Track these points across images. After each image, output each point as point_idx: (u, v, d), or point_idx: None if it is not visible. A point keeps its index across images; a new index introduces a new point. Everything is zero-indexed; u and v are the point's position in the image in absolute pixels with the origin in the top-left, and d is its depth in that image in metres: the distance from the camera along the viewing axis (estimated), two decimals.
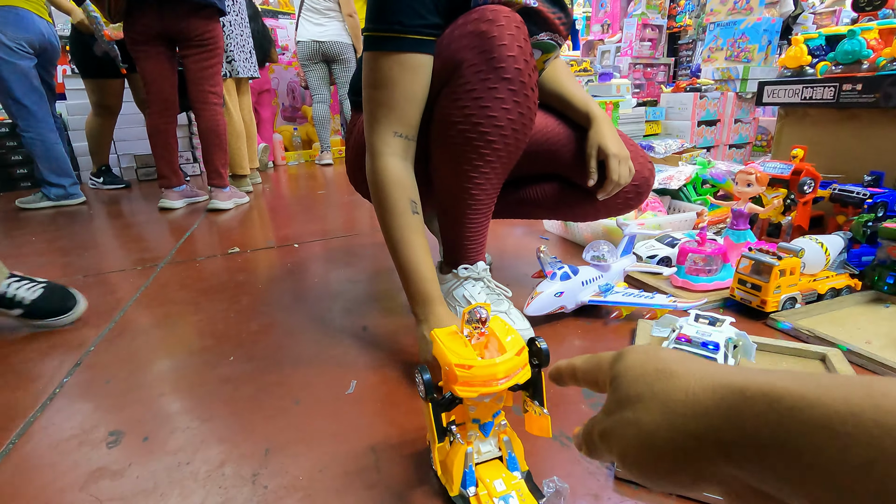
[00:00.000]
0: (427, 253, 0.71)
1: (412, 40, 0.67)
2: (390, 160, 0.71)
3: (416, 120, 0.72)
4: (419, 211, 0.72)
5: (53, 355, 0.85)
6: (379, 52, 0.68)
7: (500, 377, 0.42)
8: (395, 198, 0.70)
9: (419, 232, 0.72)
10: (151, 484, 0.54)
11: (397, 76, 0.68)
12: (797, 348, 0.75)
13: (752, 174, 0.98)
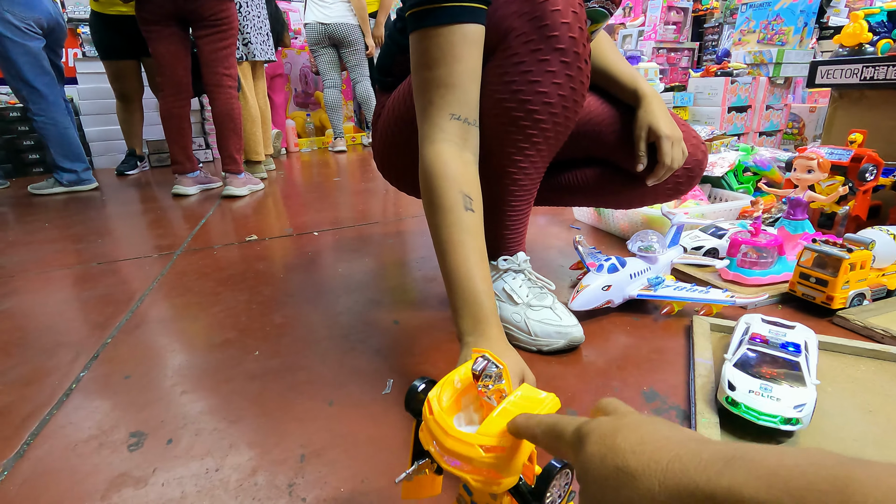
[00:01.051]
0: (482, 258, 0.59)
1: (467, 9, 0.58)
2: (443, 146, 0.60)
3: (476, 100, 0.62)
4: (474, 208, 0.60)
5: (68, 347, 0.80)
6: (431, 28, 0.58)
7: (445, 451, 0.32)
8: (443, 190, 0.59)
9: (472, 233, 0.59)
10: (179, 493, 0.49)
11: (457, 50, 0.58)
12: (874, 350, 0.68)
13: (814, 159, 0.91)
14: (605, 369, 0.68)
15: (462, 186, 0.59)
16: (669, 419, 0.57)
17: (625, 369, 0.68)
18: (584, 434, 0.26)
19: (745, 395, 0.53)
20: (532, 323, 0.72)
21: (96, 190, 2.29)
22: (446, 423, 0.33)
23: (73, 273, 1.16)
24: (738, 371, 0.56)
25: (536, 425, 0.30)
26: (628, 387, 0.64)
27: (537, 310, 0.74)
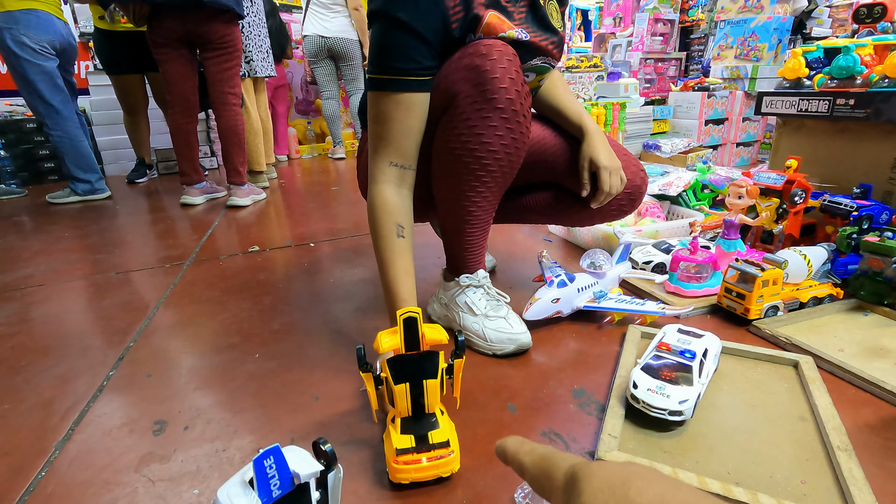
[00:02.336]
0: (408, 274, 0.77)
1: (406, 81, 0.74)
2: (384, 187, 0.78)
3: (411, 151, 0.79)
4: (405, 235, 0.78)
5: (97, 349, 0.95)
6: (378, 93, 0.76)
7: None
8: (382, 221, 0.77)
9: (402, 254, 0.77)
10: (195, 467, 0.63)
11: (393, 113, 0.76)
12: (772, 355, 0.81)
13: (743, 187, 1.04)
14: (546, 370, 0.81)
15: (397, 218, 0.78)
16: (589, 412, 0.70)
17: (563, 370, 0.81)
18: (581, 478, 0.25)
19: (644, 393, 0.66)
20: (488, 331, 0.86)
21: (109, 199, 2.43)
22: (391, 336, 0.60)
23: (95, 282, 1.31)
24: (643, 373, 0.69)
25: (527, 454, 0.30)
26: (562, 385, 0.77)
27: (493, 319, 0.87)
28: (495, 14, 0.76)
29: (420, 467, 0.57)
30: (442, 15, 0.73)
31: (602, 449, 0.60)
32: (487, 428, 0.68)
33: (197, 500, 0.58)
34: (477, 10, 0.74)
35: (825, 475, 0.57)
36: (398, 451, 0.57)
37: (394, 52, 0.73)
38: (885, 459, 0.60)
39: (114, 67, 2.52)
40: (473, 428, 0.68)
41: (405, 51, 0.73)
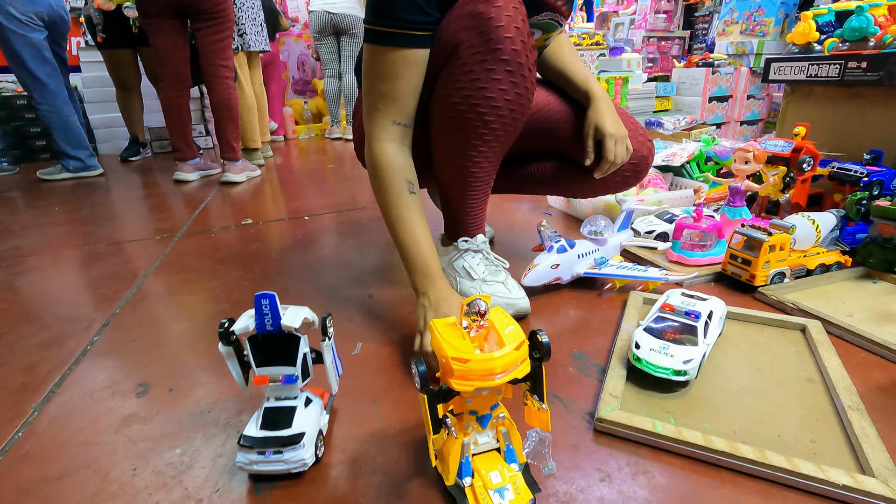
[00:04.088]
0: (426, 229, 0.74)
1: (414, 36, 0.69)
2: (388, 145, 0.74)
3: (413, 109, 0.75)
4: (416, 191, 0.75)
5: (82, 317, 0.92)
6: (382, 47, 0.70)
7: (498, 371, 0.40)
8: (391, 179, 0.73)
9: (417, 210, 0.74)
10: (177, 428, 0.61)
11: (400, 70, 0.71)
12: (780, 319, 0.78)
13: (750, 151, 1.00)
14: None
15: (406, 175, 0.74)
16: (589, 374, 0.68)
17: (562, 335, 0.79)
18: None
19: (646, 353, 0.63)
20: None
21: (101, 176, 2.39)
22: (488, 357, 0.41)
23: (83, 253, 1.28)
24: (646, 334, 0.66)
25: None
26: (561, 349, 0.74)
27: (491, 284, 0.84)
28: None
29: None
30: None
31: (602, 409, 0.58)
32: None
33: (179, 460, 0.55)
34: None
35: (836, 434, 0.55)
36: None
37: (402, 2, 0.68)
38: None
39: (107, 41, 2.46)
40: None
41: (414, 1, 0.68)
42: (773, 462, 0.49)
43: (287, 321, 0.51)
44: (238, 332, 0.52)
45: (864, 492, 0.46)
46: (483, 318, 0.43)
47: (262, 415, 0.53)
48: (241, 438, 0.51)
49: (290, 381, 0.53)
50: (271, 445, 0.50)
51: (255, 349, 0.52)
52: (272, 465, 0.50)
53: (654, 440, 0.54)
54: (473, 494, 0.45)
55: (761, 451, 0.50)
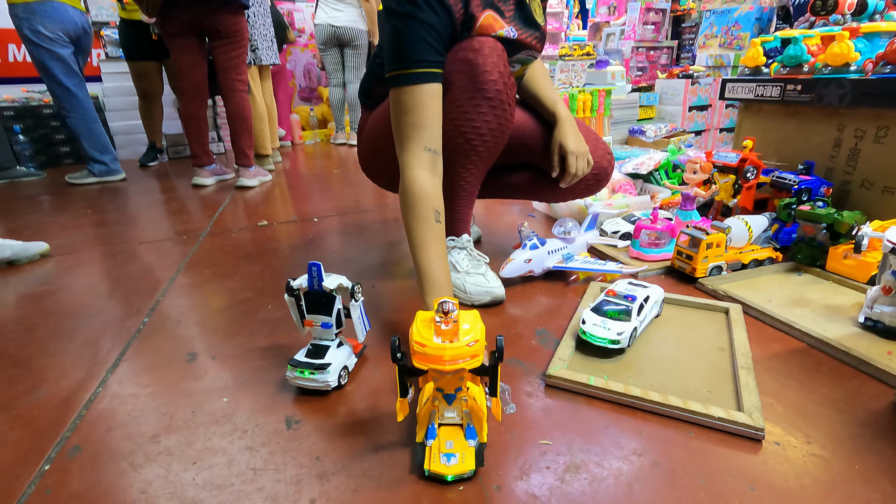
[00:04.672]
0: (445, 257, 0.83)
1: (433, 73, 0.83)
2: (420, 173, 0.83)
3: (440, 136, 0.85)
4: (441, 221, 0.83)
5: (132, 303, 1.09)
6: (406, 86, 0.82)
7: (447, 360, 0.50)
8: (421, 207, 0.81)
9: (440, 238, 0.82)
10: (222, 384, 0.78)
11: (426, 101, 0.82)
12: (710, 304, 0.95)
13: (698, 163, 1.17)
14: (516, 317, 0.96)
15: (435, 204, 0.83)
16: (547, 346, 0.85)
17: (530, 317, 0.96)
18: None
19: (590, 327, 0.80)
20: (468, 285, 1.00)
21: (124, 180, 2.58)
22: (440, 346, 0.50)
23: (121, 250, 1.45)
24: (591, 313, 0.83)
25: None
26: (527, 327, 0.92)
27: (472, 276, 1.01)
28: (490, 14, 0.89)
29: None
30: (449, 12, 0.84)
31: (551, 368, 0.75)
32: None
33: (226, 406, 0.73)
34: (474, 10, 0.87)
35: (728, 386, 0.72)
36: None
37: (420, 46, 0.81)
38: (781, 376, 0.75)
39: (134, 54, 2.64)
40: None
41: (430, 44, 0.82)
42: (671, 403, 0.66)
43: (327, 283, 0.72)
44: (295, 287, 0.73)
45: (733, 422, 0.63)
46: (447, 315, 0.51)
47: (307, 348, 0.76)
48: (290, 360, 0.73)
49: (327, 327, 0.75)
50: (307, 368, 0.72)
51: (306, 301, 0.74)
52: (307, 382, 0.73)
53: (588, 390, 0.71)
54: (429, 453, 0.57)
55: (664, 396, 0.67)
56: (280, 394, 0.75)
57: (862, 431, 0.64)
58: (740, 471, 0.58)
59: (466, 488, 0.56)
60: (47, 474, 0.61)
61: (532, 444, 0.63)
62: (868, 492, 0.55)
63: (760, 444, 0.62)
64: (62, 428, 0.69)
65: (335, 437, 0.65)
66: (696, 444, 0.62)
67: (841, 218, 1.03)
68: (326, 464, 0.61)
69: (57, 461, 0.63)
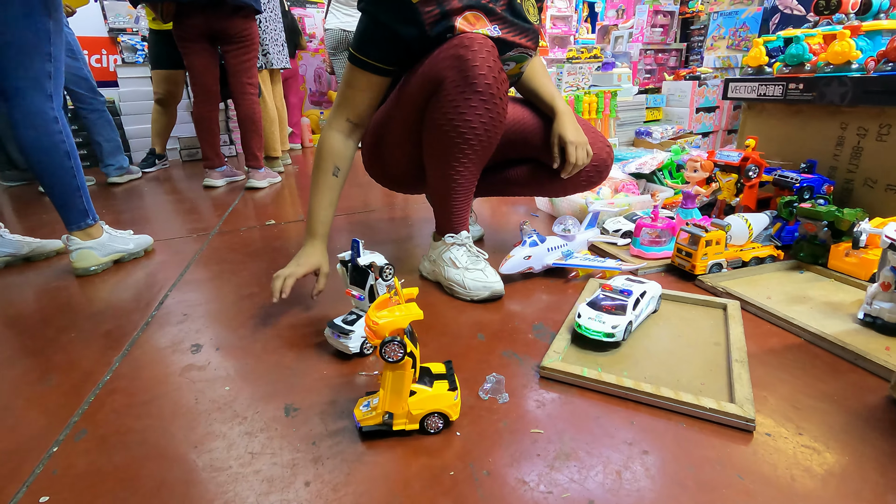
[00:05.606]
0: (332, 205, 0.98)
1: (374, 66, 0.94)
2: (335, 134, 0.97)
3: (366, 114, 0.99)
4: (339, 176, 0.98)
5: (142, 297, 1.12)
6: (352, 66, 0.95)
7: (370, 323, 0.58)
8: (326, 159, 0.97)
9: (333, 188, 0.97)
10: (225, 374, 0.80)
11: (363, 85, 0.96)
12: (707, 300, 0.95)
13: (698, 161, 1.17)
14: (515, 312, 0.97)
15: (337, 160, 0.97)
16: (543, 339, 0.86)
17: (528, 312, 0.97)
18: None
19: (585, 321, 0.81)
20: (467, 280, 1.01)
21: (140, 179, 2.64)
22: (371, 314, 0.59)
23: None
24: (587, 307, 0.84)
25: None
26: (525, 322, 0.93)
27: (472, 271, 1.03)
28: (470, 14, 0.91)
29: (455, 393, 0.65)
30: (417, 21, 0.89)
31: (546, 360, 0.76)
32: (459, 349, 0.84)
33: (227, 394, 0.75)
34: (452, 19, 0.89)
35: (721, 379, 0.72)
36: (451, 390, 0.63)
37: (372, 41, 0.92)
38: (776, 370, 0.75)
39: (162, 62, 2.67)
40: (448, 348, 0.85)
41: (381, 44, 0.92)
42: (663, 394, 0.67)
43: (361, 259, 0.80)
44: (339, 257, 0.85)
45: (723, 412, 0.63)
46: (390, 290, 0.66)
47: (347, 315, 0.85)
48: (329, 322, 0.83)
49: (360, 299, 0.83)
50: (336, 330, 0.82)
51: (350, 272, 0.84)
52: (333, 342, 0.83)
53: (582, 382, 0.72)
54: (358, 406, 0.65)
55: (656, 387, 0.68)
56: (280, 383, 0.77)
57: (855, 423, 0.64)
58: (730, 460, 0.58)
59: (457, 473, 0.58)
60: (55, 456, 0.64)
61: (523, 433, 0.64)
62: (858, 482, 0.55)
63: (751, 435, 0.62)
64: (70, 413, 0.72)
65: (332, 423, 0.67)
66: (686, 434, 0.63)
67: (841, 215, 1.02)
68: (322, 449, 0.62)
69: (64, 444, 0.66)
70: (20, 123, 1.16)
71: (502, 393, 0.71)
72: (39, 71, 1.17)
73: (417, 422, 0.63)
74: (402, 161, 1.09)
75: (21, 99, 1.15)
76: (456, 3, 0.89)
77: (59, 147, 1.21)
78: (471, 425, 0.66)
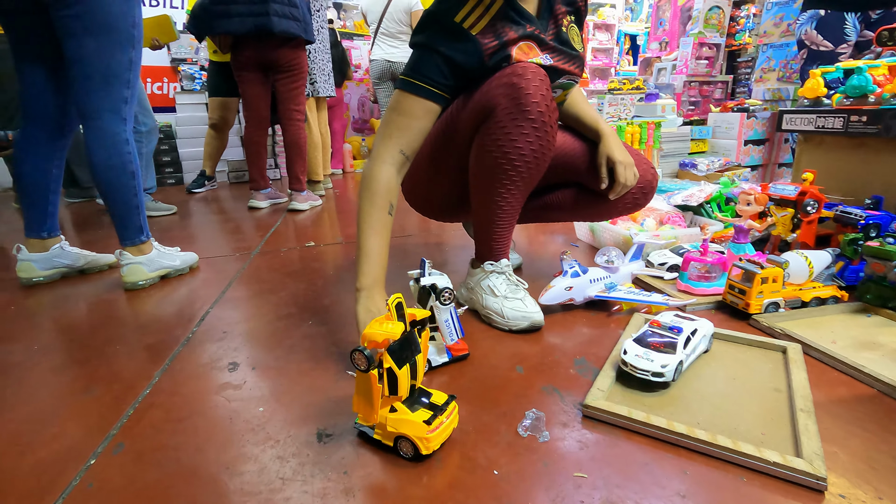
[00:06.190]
0: (386, 246, 0.90)
1: (434, 92, 0.91)
2: (388, 168, 0.91)
3: (418, 145, 0.93)
4: (392, 214, 0.92)
5: (184, 313, 1.15)
6: (406, 92, 0.91)
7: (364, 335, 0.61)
8: (380, 195, 0.89)
9: (387, 228, 0.89)
10: (260, 394, 0.80)
11: (418, 113, 0.91)
12: (764, 341, 0.89)
13: (752, 195, 1.12)
14: (555, 345, 0.93)
15: (392, 198, 0.90)
16: (586, 376, 0.82)
17: (569, 346, 0.93)
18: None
19: (632, 357, 0.77)
20: (506, 310, 0.99)
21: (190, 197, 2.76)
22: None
23: None
24: (633, 343, 0.80)
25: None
26: (566, 356, 0.89)
27: (511, 300, 1.00)
28: (524, 44, 0.92)
29: (444, 427, 0.63)
30: (477, 52, 0.90)
31: (589, 398, 0.72)
32: (496, 381, 0.81)
33: (261, 415, 0.74)
34: (509, 49, 0.90)
35: (784, 429, 0.66)
36: (426, 423, 0.61)
37: (429, 66, 0.91)
38: (847, 423, 0.68)
39: (220, 90, 2.82)
40: (484, 379, 0.81)
41: (440, 70, 0.90)
42: (720, 442, 0.61)
43: (423, 280, 0.83)
44: (410, 274, 0.88)
45: (790, 468, 0.58)
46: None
47: None
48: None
49: None
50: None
51: (418, 291, 0.85)
52: None
53: (628, 423, 0.68)
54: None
55: (712, 434, 0.63)
56: (314, 407, 0.76)
57: None
58: None
59: None
60: (92, 468, 0.64)
61: (566, 476, 0.60)
62: None
63: (822, 495, 0.56)
64: (110, 426, 0.73)
65: (365, 453, 0.65)
66: (747, 490, 0.57)
67: None
68: (353, 479, 0.60)
69: (102, 457, 0.66)
70: (94, 143, 1.24)
71: (543, 431, 0.67)
72: (118, 96, 1.26)
73: (392, 440, 0.64)
74: (445, 188, 1.09)
75: (99, 120, 1.24)
76: (512, 34, 0.90)
77: (127, 167, 1.28)
78: (509, 464, 0.62)
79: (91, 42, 1.18)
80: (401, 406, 0.64)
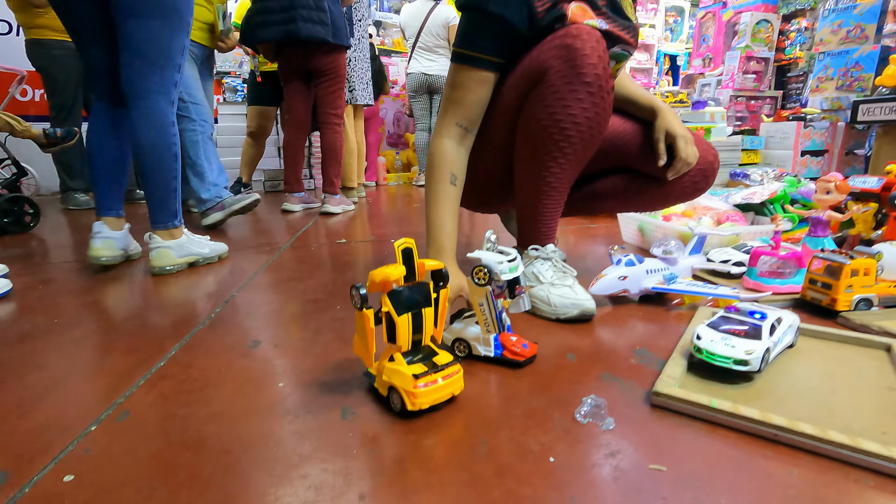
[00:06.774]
0: (454, 217, 0.88)
1: (487, 61, 0.86)
2: (447, 141, 0.89)
3: (476, 117, 0.90)
4: (457, 184, 0.89)
5: (210, 296, 1.10)
6: (461, 65, 0.88)
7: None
8: (441, 168, 0.88)
9: (453, 199, 0.88)
10: (280, 370, 0.72)
11: (472, 84, 0.88)
12: (861, 338, 0.76)
13: (832, 181, 1.00)
14: (609, 337, 0.82)
15: (452, 168, 0.89)
16: (649, 366, 0.71)
17: (624, 337, 0.82)
18: None
19: (707, 343, 0.65)
20: (553, 297, 0.89)
21: None
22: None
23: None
24: (708, 328, 0.68)
25: None
26: (622, 344, 0.78)
27: (558, 287, 0.90)
28: (578, 6, 0.85)
29: (438, 387, 0.57)
30: (529, 7, 0.83)
31: (660, 386, 0.61)
32: (544, 367, 0.71)
33: (281, 390, 0.66)
34: (562, 7, 0.84)
35: None
36: (416, 377, 0.56)
37: (483, 34, 0.85)
38: None
39: (260, 100, 2.87)
40: (534, 366, 0.71)
41: (491, 35, 0.85)
42: (833, 438, 0.50)
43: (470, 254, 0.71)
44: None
45: None
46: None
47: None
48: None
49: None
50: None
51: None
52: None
53: (709, 414, 0.56)
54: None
55: (822, 429, 0.51)
56: (339, 385, 0.67)
57: None
58: None
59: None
60: (91, 435, 0.57)
61: (639, 468, 0.49)
62: None
63: None
64: (117, 395, 0.66)
65: (395, 431, 0.56)
66: (878, 498, 0.45)
67: None
68: (381, 460, 0.51)
69: (104, 423, 0.59)
70: (143, 123, 1.24)
71: (606, 418, 0.57)
72: (169, 79, 1.27)
73: (385, 390, 0.60)
74: (488, 168, 1.01)
75: (149, 100, 1.24)
76: None
77: (172, 148, 1.28)
78: (567, 451, 0.52)
79: (155, 24, 1.20)
80: (399, 357, 0.60)
